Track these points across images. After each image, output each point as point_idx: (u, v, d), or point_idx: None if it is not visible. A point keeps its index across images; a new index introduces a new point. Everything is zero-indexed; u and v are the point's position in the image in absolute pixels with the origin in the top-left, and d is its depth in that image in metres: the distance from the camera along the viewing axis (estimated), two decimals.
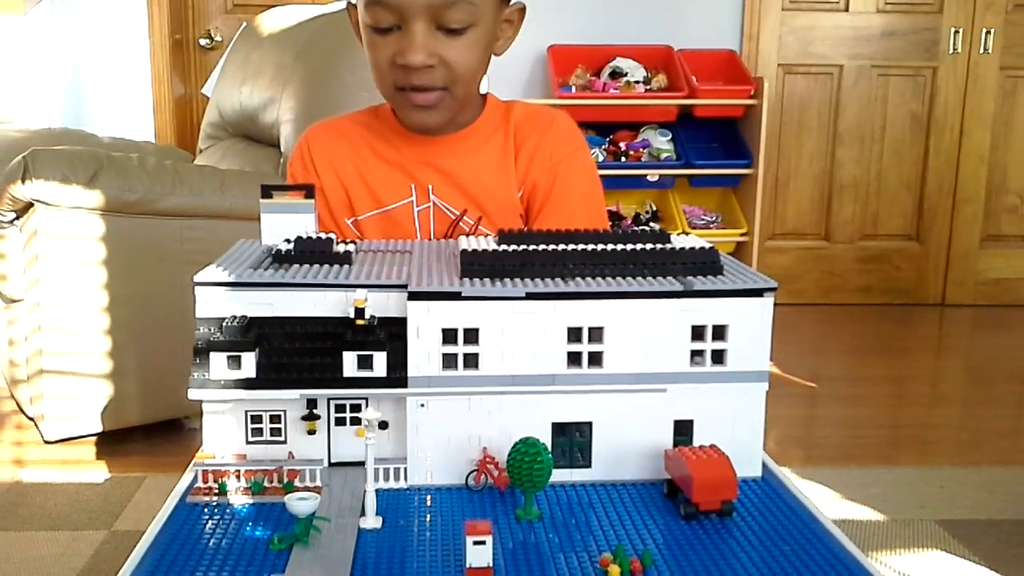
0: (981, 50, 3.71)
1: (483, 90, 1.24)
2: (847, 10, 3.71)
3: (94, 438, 2.22)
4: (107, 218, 2.07)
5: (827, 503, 1.98)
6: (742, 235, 3.43)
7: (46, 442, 2.17)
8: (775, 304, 0.85)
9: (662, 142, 3.46)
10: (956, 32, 3.70)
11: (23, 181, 1.98)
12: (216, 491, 0.81)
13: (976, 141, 3.80)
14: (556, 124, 1.23)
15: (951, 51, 3.72)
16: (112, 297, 2.11)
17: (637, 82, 3.44)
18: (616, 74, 3.47)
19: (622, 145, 3.44)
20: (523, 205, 1.20)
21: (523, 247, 0.89)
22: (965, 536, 1.83)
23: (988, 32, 3.70)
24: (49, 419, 2.13)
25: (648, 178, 3.41)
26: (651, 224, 3.46)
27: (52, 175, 1.99)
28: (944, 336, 3.68)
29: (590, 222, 1.08)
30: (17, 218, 2.11)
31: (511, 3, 1.17)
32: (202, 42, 3.79)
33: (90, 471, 2.08)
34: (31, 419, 2.24)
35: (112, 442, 2.20)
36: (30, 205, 2.04)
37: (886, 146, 3.81)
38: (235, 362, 0.80)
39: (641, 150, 3.44)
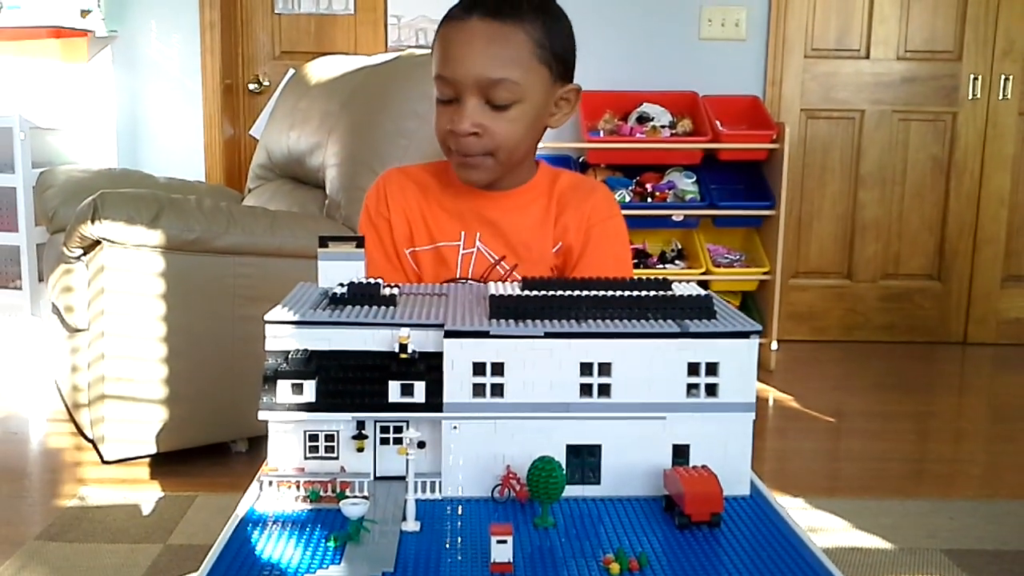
0: (1000, 96, 3.82)
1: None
2: (868, 57, 3.83)
3: (149, 459, 2.38)
4: (167, 255, 2.24)
5: (838, 532, 2.07)
6: (765, 274, 3.54)
7: (105, 462, 2.33)
8: (798, 341, 0.97)
9: (687, 184, 3.58)
10: (975, 78, 3.80)
11: (93, 221, 2.16)
12: (279, 499, 0.95)
13: (996, 184, 3.88)
14: (596, 194, 1.39)
15: (971, 97, 3.82)
16: (169, 328, 2.28)
17: (663, 126, 3.58)
18: (643, 119, 3.61)
19: (648, 186, 3.56)
20: (559, 260, 1.35)
21: (544, 292, 1.03)
22: (969, 565, 1.91)
23: (1007, 78, 3.80)
24: (109, 441, 2.29)
25: (673, 218, 3.54)
26: (676, 262, 3.58)
27: (119, 216, 2.17)
28: (965, 374, 3.74)
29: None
30: (84, 254, 2.29)
31: (569, 84, 1.33)
32: (251, 86, 4.00)
33: (146, 490, 2.23)
34: (90, 441, 2.40)
35: (166, 463, 2.36)
36: (97, 243, 2.22)
37: (907, 188, 3.91)
38: (298, 389, 0.94)
39: (667, 191, 3.57)
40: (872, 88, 3.85)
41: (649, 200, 3.54)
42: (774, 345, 3.49)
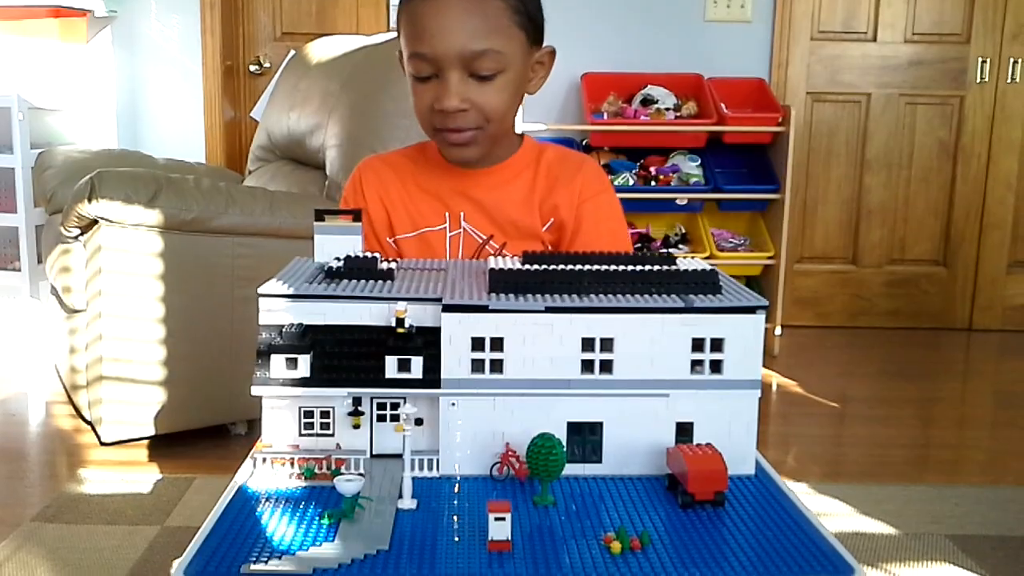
0: (1008, 79, 3.77)
1: (518, 122, 1.37)
2: (875, 40, 3.79)
3: (147, 441, 2.36)
4: (165, 235, 2.22)
5: (842, 517, 2.06)
6: (769, 258, 3.51)
7: (103, 444, 2.32)
8: (802, 327, 0.95)
9: (691, 167, 3.55)
10: (983, 62, 3.76)
11: (90, 200, 2.14)
12: (273, 476, 0.92)
13: (1003, 168, 3.85)
14: (585, 168, 1.35)
15: (979, 80, 3.78)
16: (168, 309, 2.26)
17: (668, 109, 3.55)
18: (647, 101, 3.57)
19: (652, 170, 3.54)
20: (553, 237, 1.32)
21: (544, 267, 1.00)
22: (974, 551, 1.89)
23: (1015, 62, 3.76)
24: (106, 422, 2.27)
25: (677, 202, 3.51)
26: (680, 246, 3.55)
27: (116, 195, 2.14)
28: (970, 360, 3.72)
29: None
30: (82, 234, 2.27)
31: (542, 47, 1.30)
32: (252, 68, 3.97)
33: (144, 472, 2.22)
34: (88, 422, 2.38)
35: (164, 445, 2.34)
36: (95, 222, 2.20)
37: (914, 173, 3.88)
38: (292, 363, 0.92)
39: (671, 175, 3.54)
40: (879, 71, 3.81)
41: (653, 184, 3.51)
42: (778, 330, 3.46)
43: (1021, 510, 2.13)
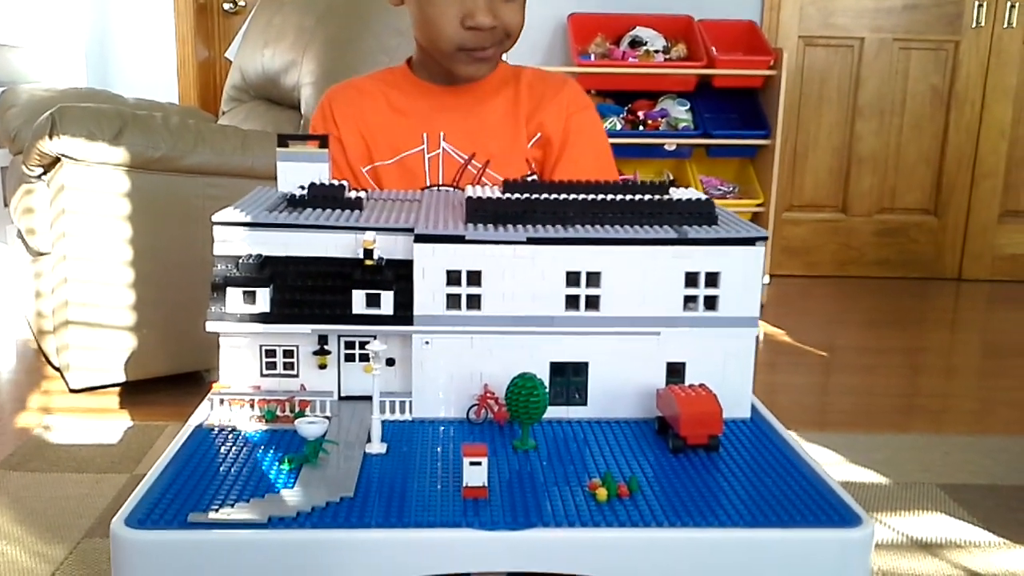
0: (1005, 24, 3.68)
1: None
2: None
3: (118, 388, 2.29)
4: (131, 174, 2.12)
5: (831, 466, 2.01)
6: (758, 206, 3.44)
7: (71, 391, 2.24)
8: (790, 276, 0.88)
9: (680, 112, 3.46)
10: (979, 6, 3.66)
11: (50, 137, 2.03)
12: (230, 419, 0.85)
13: (997, 115, 3.77)
14: (568, 84, 1.34)
15: (974, 25, 3.69)
16: (136, 252, 2.17)
17: (656, 51, 3.44)
18: (635, 43, 3.47)
19: (640, 114, 3.44)
20: (539, 153, 1.28)
21: (526, 195, 0.93)
22: (965, 500, 1.86)
23: (1012, 6, 3.66)
24: (74, 369, 2.20)
25: (665, 147, 3.42)
26: None
27: (78, 131, 2.04)
28: (959, 310, 3.68)
29: (603, 176, 1.14)
30: (44, 173, 2.17)
31: None
32: (226, 6, 3.82)
33: (114, 419, 2.15)
34: (57, 369, 2.31)
35: (135, 392, 2.27)
36: (57, 160, 2.09)
37: (906, 119, 3.80)
38: (250, 297, 0.84)
39: (659, 119, 3.45)
40: (872, 15, 3.71)
41: (641, 128, 3.42)
42: (766, 279, 3.41)
43: (1011, 459, 2.10)
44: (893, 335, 3.21)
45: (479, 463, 0.71)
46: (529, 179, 1.24)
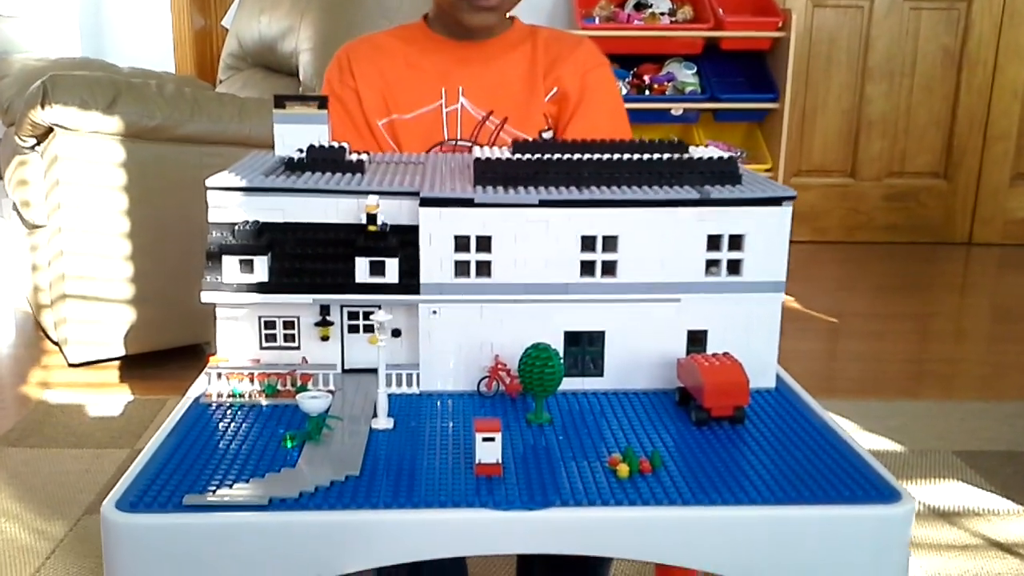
0: None
1: None
2: None
3: (117, 362, 2.25)
4: (126, 144, 2.07)
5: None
6: (767, 171, 3.37)
7: (70, 365, 2.21)
8: (798, 242, 0.84)
9: (687, 75, 3.39)
10: None
11: (43, 106, 1.98)
12: (229, 393, 0.81)
13: (1010, 76, 3.69)
14: (584, 42, 1.34)
15: None
16: (133, 223, 2.12)
17: (662, 14, 3.37)
18: (641, 5, 3.39)
19: (646, 78, 3.38)
20: (555, 109, 1.27)
21: (538, 156, 0.88)
22: (983, 467, 1.83)
23: None
24: (73, 343, 2.16)
25: (672, 112, 3.36)
26: None
27: (71, 100, 1.99)
28: (970, 275, 3.63)
29: (617, 134, 1.10)
30: (38, 144, 2.11)
31: None
32: None
33: (113, 393, 2.11)
34: (55, 343, 2.27)
35: (135, 366, 2.23)
36: (50, 130, 2.04)
37: (916, 81, 3.72)
38: (247, 266, 0.80)
39: (666, 83, 3.38)
40: None
41: (647, 93, 3.35)
42: None
43: None
44: (902, 300, 3.16)
45: (492, 439, 0.66)
46: (545, 134, 1.21)
